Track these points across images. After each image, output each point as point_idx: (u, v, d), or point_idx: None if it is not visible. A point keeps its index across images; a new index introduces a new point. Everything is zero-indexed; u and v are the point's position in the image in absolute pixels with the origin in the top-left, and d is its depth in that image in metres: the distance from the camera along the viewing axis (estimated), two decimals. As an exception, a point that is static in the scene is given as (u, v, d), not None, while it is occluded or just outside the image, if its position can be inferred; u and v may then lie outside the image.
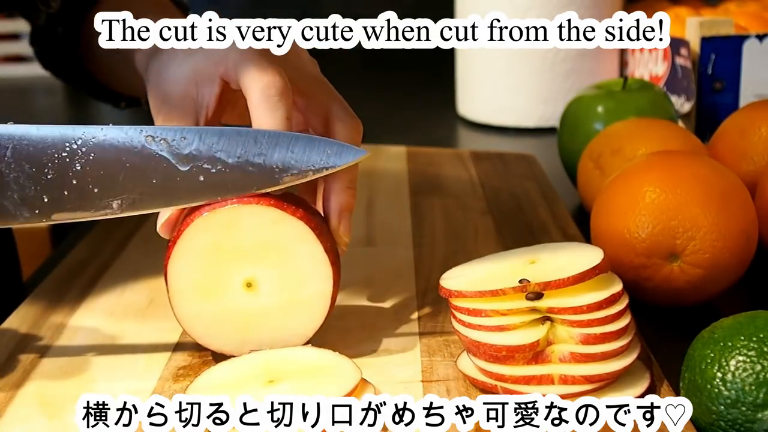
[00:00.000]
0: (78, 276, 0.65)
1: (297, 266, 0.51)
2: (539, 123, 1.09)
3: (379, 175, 0.87)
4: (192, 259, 0.50)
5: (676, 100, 0.95)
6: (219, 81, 0.54)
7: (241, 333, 0.52)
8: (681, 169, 0.59)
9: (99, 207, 0.50)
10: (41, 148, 0.50)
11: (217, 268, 0.51)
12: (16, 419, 0.47)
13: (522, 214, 0.76)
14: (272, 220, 0.50)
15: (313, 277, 0.51)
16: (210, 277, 0.51)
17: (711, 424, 0.44)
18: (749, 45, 0.92)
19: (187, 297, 0.51)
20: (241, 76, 0.52)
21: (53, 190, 0.50)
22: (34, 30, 0.81)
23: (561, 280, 0.47)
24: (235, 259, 0.51)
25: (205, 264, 0.50)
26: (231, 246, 0.50)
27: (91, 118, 1.21)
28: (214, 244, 0.50)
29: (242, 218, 0.50)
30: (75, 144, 0.50)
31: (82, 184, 0.50)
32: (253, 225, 0.50)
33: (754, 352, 0.44)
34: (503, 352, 0.47)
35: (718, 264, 0.57)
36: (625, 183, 0.60)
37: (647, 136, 0.70)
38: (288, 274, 0.51)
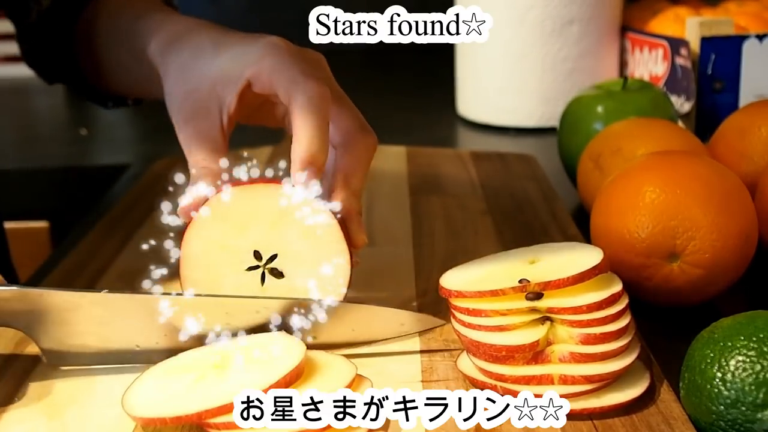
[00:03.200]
0: (77, 277, 0.65)
1: (316, 253, 0.51)
2: (539, 123, 1.09)
3: (378, 175, 0.87)
4: (208, 233, 0.51)
5: (676, 100, 0.95)
6: (244, 82, 0.55)
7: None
8: (681, 169, 0.59)
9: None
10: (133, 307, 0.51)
11: (231, 248, 0.51)
12: (16, 419, 0.47)
13: (522, 214, 0.76)
14: (295, 203, 0.51)
15: (330, 265, 0.51)
16: (223, 256, 0.51)
17: (711, 424, 0.44)
18: (749, 45, 0.92)
19: (198, 275, 0.51)
20: (282, 85, 0.53)
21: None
22: (23, 28, 0.81)
23: (560, 280, 0.47)
24: (251, 240, 0.51)
25: (220, 242, 0.51)
26: (247, 226, 0.51)
27: (90, 119, 1.21)
28: (232, 222, 0.51)
29: (261, 198, 0.51)
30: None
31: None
32: (273, 206, 0.51)
33: (754, 352, 0.44)
34: (503, 352, 0.47)
35: (718, 264, 0.57)
36: (624, 183, 0.60)
37: (647, 136, 0.70)
38: (305, 259, 0.51)
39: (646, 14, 1.09)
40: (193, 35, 0.60)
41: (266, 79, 0.54)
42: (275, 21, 1.66)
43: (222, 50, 0.57)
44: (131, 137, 1.16)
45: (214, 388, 0.45)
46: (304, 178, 0.52)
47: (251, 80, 0.55)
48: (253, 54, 0.55)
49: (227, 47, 0.57)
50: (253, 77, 0.54)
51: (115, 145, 1.16)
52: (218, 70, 0.56)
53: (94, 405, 0.49)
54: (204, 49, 0.58)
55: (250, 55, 0.55)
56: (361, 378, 0.47)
